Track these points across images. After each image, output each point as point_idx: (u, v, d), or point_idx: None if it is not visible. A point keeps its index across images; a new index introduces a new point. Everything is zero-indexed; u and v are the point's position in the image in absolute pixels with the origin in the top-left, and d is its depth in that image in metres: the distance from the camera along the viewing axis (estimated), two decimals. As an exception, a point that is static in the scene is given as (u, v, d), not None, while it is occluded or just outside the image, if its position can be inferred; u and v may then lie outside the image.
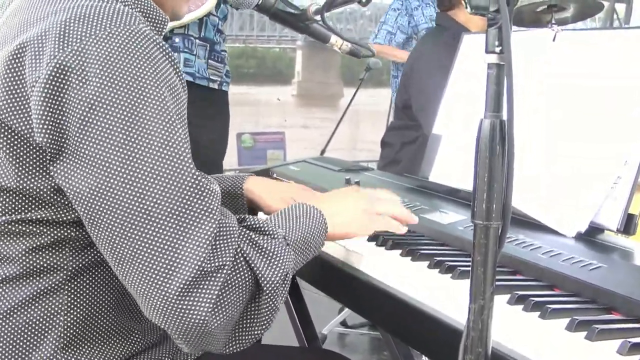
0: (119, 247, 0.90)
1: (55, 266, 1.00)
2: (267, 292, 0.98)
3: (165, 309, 0.89)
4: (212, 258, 0.92)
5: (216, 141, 2.80)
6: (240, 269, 0.96)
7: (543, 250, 1.19)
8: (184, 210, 0.91)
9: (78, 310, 1.02)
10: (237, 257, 0.96)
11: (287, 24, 1.29)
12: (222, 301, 0.92)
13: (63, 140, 0.91)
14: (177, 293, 0.89)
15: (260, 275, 0.98)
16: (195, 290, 0.90)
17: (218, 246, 0.94)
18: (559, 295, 1.08)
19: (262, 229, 1.04)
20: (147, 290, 0.90)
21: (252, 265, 0.98)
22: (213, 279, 0.91)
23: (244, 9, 1.30)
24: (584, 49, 1.39)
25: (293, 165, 1.97)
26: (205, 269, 0.91)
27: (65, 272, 1.00)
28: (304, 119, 11.31)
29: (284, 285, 1.02)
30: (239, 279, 0.95)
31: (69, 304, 1.01)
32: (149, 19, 1.07)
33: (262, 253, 1.00)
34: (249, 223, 1.05)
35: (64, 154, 0.91)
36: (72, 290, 1.01)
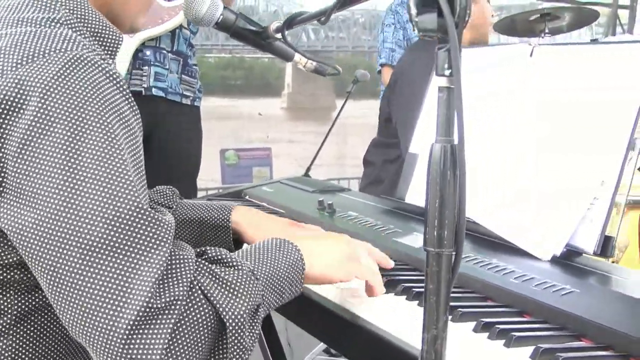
0: (60, 288, 0.88)
1: None
2: (232, 329, 0.95)
3: (113, 353, 0.86)
4: (161, 293, 0.89)
5: (190, 158, 2.83)
6: (197, 304, 0.93)
7: (515, 275, 1.22)
8: (128, 244, 0.89)
9: (23, 355, 1.01)
10: (193, 290, 0.93)
11: (249, 42, 1.33)
12: (177, 341, 0.90)
13: (1, 176, 0.90)
14: (124, 335, 0.86)
15: (221, 309, 0.94)
16: (144, 330, 0.87)
17: (169, 280, 0.91)
18: (528, 322, 1.11)
19: (225, 261, 1.01)
20: (93, 335, 0.87)
21: (212, 298, 0.94)
22: (164, 316, 0.88)
23: (204, 27, 1.33)
24: (561, 64, 1.43)
25: (267, 187, 2.00)
26: (153, 306, 0.88)
27: (9, 316, 0.99)
28: (294, 133, 11.34)
29: (252, 322, 0.98)
30: (196, 315, 0.92)
31: (13, 350, 1.00)
32: (100, 40, 1.09)
33: (223, 285, 0.97)
34: (210, 255, 1.02)
35: (3, 191, 0.90)
36: (17, 335, 1.00)
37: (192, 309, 0.92)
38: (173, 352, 0.89)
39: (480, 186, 1.48)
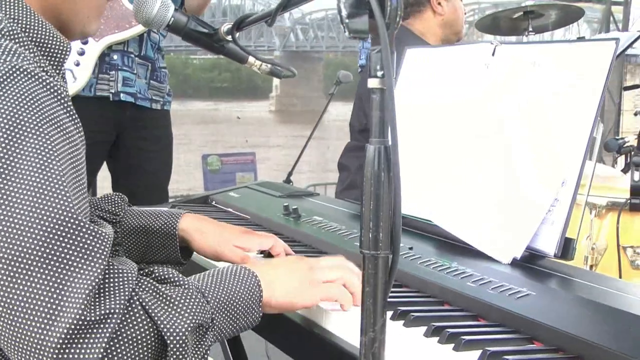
0: None
1: None
2: (173, 346, 0.94)
3: None
4: (95, 306, 0.90)
5: (160, 164, 2.85)
6: (136, 318, 0.93)
7: (474, 279, 1.25)
8: (60, 255, 0.89)
9: None
10: (131, 304, 0.94)
11: (201, 45, 1.35)
12: (112, 356, 0.90)
13: None
14: (55, 349, 0.86)
15: (162, 325, 0.95)
16: (76, 344, 0.87)
17: (104, 293, 0.92)
18: (481, 326, 1.14)
19: (172, 280, 1.02)
20: (24, 350, 0.87)
21: (152, 313, 0.95)
22: (98, 329, 0.89)
23: (154, 29, 1.36)
24: (523, 63, 1.47)
25: (234, 192, 2.03)
26: (86, 319, 0.88)
27: None
28: (281, 137, 11.38)
29: (198, 344, 0.99)
30: (134, 330, 0.93)
31: None
32: (44, 50, 1.10)
33: (165, 300, 0.98)
34: (157, 274, 1.04)
35: None
36: None
37: (129, 324, 0.93)
38: None
39: (441, 189, 1.52)
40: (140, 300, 0.96)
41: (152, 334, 0.95)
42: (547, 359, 1.01)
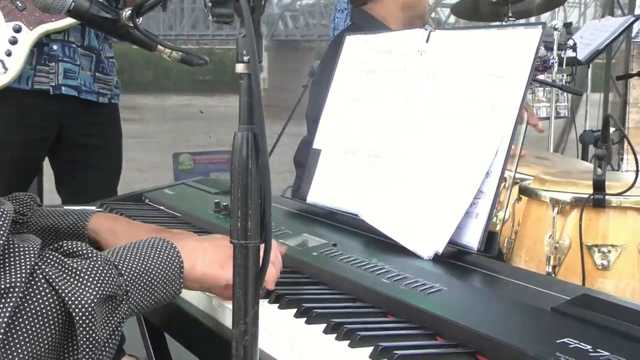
0: None
1: None
2: (79, 319, 1.00)
3: None
4: None
5: (108, 162, 2.91)
6: (39, 292, 0.98)
7: (389, 275, 1.31)
8: None
9: None
10: (34, 278, 0.99)
11: (106, 31, 1.42)
12: (15, 331, 0.95)
13: None
14: None
15: (66, 297, 1.00)
16: None
17: (3, 268, 0.96)
18: (387, 322, 1.20)
19: (80, 252, 1.09)
20: None
21: (56, 286, 0.99)
22: None
23: (55, 14, 1.41)
24: (456, 50, 1.53)
25: (169, 189, 2.09)
26: None
27: None
28: (267, 135, 11.46)
29: (108, 317, 1.05)
30: (38, 304, 0.98)
31: None
32: None
33: (70, 273, 1.03)
34: (65, 248, 1.09)
35: None
36: None
37: (32, 298, 0.98)
38: (9, 343, 0.95)
39: (370, 182, 1.58)
40: (44, 274, 1.01)
41: (57, 307, 1.00)
42: (441, 354, 1.07)
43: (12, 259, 0.99)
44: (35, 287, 0.99)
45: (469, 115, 1.44)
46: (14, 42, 2.49)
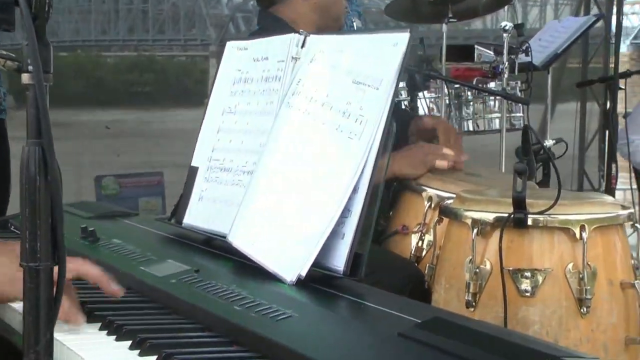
0: None
1: None
2: None
3: None
4: None
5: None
6: None
7: (243, 302, 1.40)
8: None
9: None
10: None
11: None
12: None
13: None
14: None
15: None
16: None
17: None
18: (229, 352, 1.29)
19: None
20: None
21: None
22: None
23: None
24: (328, 56, 1.63)
25: (39, 214, 2.16)
26: None
27: None
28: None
29: None
30: None
31: None
32: None
33: None
34: None
35: None
36: None
37: None
38: None
39: (242, 202, 1.67)
40: None
41: None
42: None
43: None
44: None
45: (336, 128, 1.53)
46: None
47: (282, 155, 1.60)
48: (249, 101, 1.80)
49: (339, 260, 1.48)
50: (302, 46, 1.70)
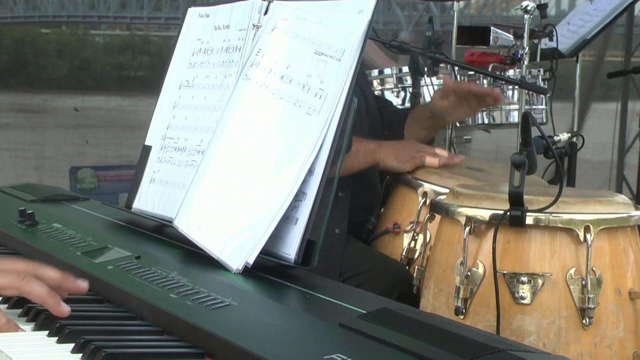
0: None
1: None
2: None
3: None
4: None
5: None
6: None
7: (180, 290, 1.45)
8: None
9: None
10: None
11: None
12: None
13: None
14: None
15: None
16: None
17: None
18: (158, 341, 1.35)
19: None
20: None
21: None
22: None
23: None
24: (290, 25, 1.68)
25: (-24, 197, 2.23)
26: None
27: None
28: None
29: None
30: None
31: None
32: None
33: None
34: None
35: None
36: None
37: None
38: None
39: (186, 182, 1.72)
40: None
41: None
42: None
43: None
44: None
45: (294, 103, 1.58)
46: None
47: (235, 132, 1.65)
48: (207, 74, 1.85)
49: (290, 248, 1.53)
50: (265, 13, 1.76)
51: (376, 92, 3.54)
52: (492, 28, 3.74)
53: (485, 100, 3.07)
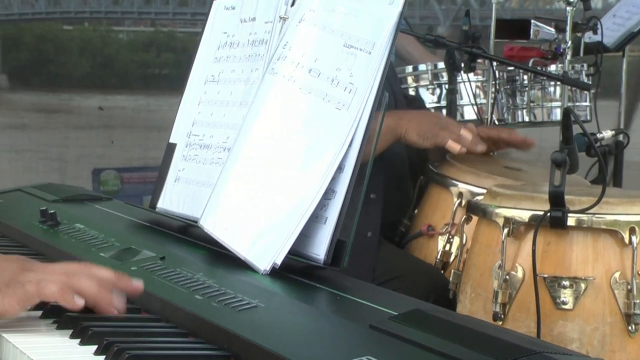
0: None
1: None
2: None
3: None
4: None
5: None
6: None
7: (206, 291, 1.48)
8: None
9: None
10: None
11: None
12: None
13: None
14: None
15: None
16: None
17: None
18: (183, 343, 1.37)
19: None
20: None
21: None
22: None
23: None
24: (319, 16, 1.70)
25: (-1, 197, 2.27)
26: None
27: None
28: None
29: None
30: None
31: None
32: None
33: None
34: None
35: None
36: None
37: None
38: None
39: (212, 180, 1.75)
40: None
41: None
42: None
43: None
44: None
45: (323, 97, 1.60)
46: None
47: (262, 129, 1.67)
48: (233, 68, 1.87)
49: (320, 248, 1.55)
50: (292, 4, 1.78)
51: (410, 89, 3.54)
52: (532, 21, 3.73)
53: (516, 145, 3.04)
